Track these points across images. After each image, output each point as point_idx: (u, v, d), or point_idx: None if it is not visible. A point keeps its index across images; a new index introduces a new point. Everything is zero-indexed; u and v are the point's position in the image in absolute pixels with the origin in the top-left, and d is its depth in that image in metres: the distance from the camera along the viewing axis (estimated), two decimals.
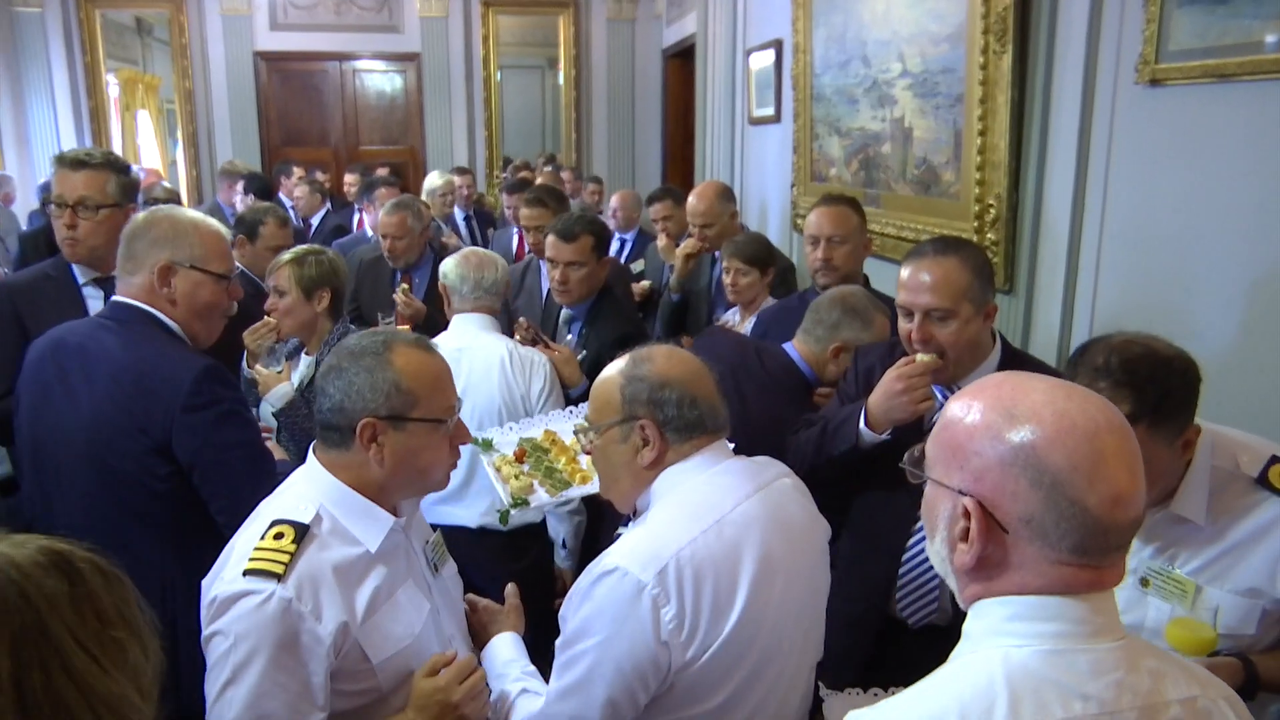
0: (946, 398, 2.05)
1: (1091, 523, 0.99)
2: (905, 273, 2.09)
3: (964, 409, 1.07)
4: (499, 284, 2.85)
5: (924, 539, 1.16)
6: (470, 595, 1.89)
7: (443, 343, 2.18)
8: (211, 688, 1.45)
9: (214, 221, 2.24)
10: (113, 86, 9.53)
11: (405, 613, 1.58)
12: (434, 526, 1.89)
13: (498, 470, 2.38)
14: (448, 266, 2.86)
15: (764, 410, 2.43)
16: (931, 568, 1.47)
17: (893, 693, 1.31)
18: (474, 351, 2.71)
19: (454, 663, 1.58)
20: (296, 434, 2.66)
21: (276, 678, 1.42)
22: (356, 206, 7.21)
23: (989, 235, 3.15)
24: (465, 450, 1.93)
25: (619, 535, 1.74)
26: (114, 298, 2.16)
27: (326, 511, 1.54)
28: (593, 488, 2.25)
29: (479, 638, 1.82)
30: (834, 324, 2.55)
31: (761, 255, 3.38)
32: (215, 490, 2.03)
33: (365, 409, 1.54)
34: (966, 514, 1.04)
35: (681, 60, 8.65)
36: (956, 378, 2.08)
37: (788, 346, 2.63)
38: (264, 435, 2.48)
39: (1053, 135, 2.92)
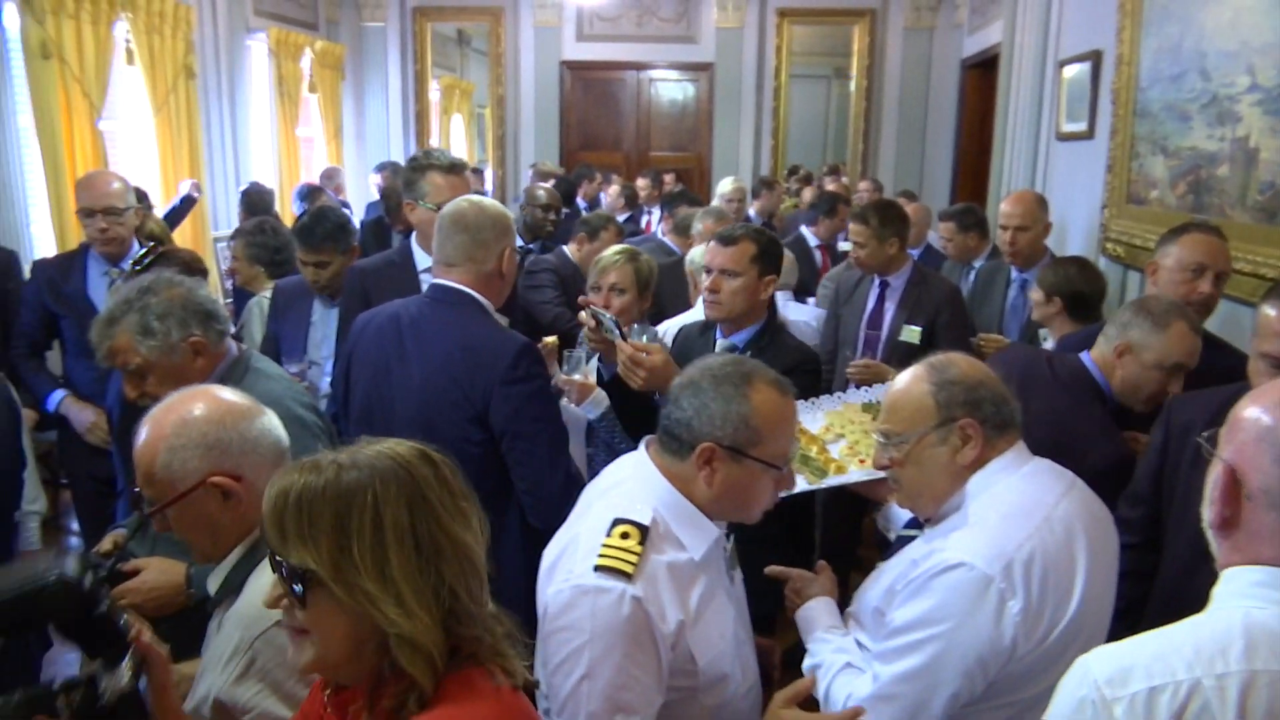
0: None
1: None
2: (1272, 312, 1.93)
3: (1259, 394, 1.20)
4: None
5: None
6: (777, 568, 1.96)
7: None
8: (563, 681, 1.52)
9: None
10: (435, 92, 10.48)
11: (721, 618, 1.64)
12: None
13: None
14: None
15: (1044, 407, 2.33)
16: None
17: None
18: None
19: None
20: (613, 440, 2.76)
21: (632, 671, 1.50)
22: (646, 209, 7.54)
23: None
24: None
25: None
26: (436, 281, 2.37)
27: (660, 515, 1.61)
28: (850, 477, 2.27)
29: (791, 602, 1.89)
30: (1124, 323, 2.44)
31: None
32: (519, 459, 2.23)
33: (710, 434, 1.60)
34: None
35: (982, 71, 8.30)
36: None
37: (1084, 354, 2.55)
38: None
39: None
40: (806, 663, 1.78)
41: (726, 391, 1.61)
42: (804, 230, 5.88)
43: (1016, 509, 1.60)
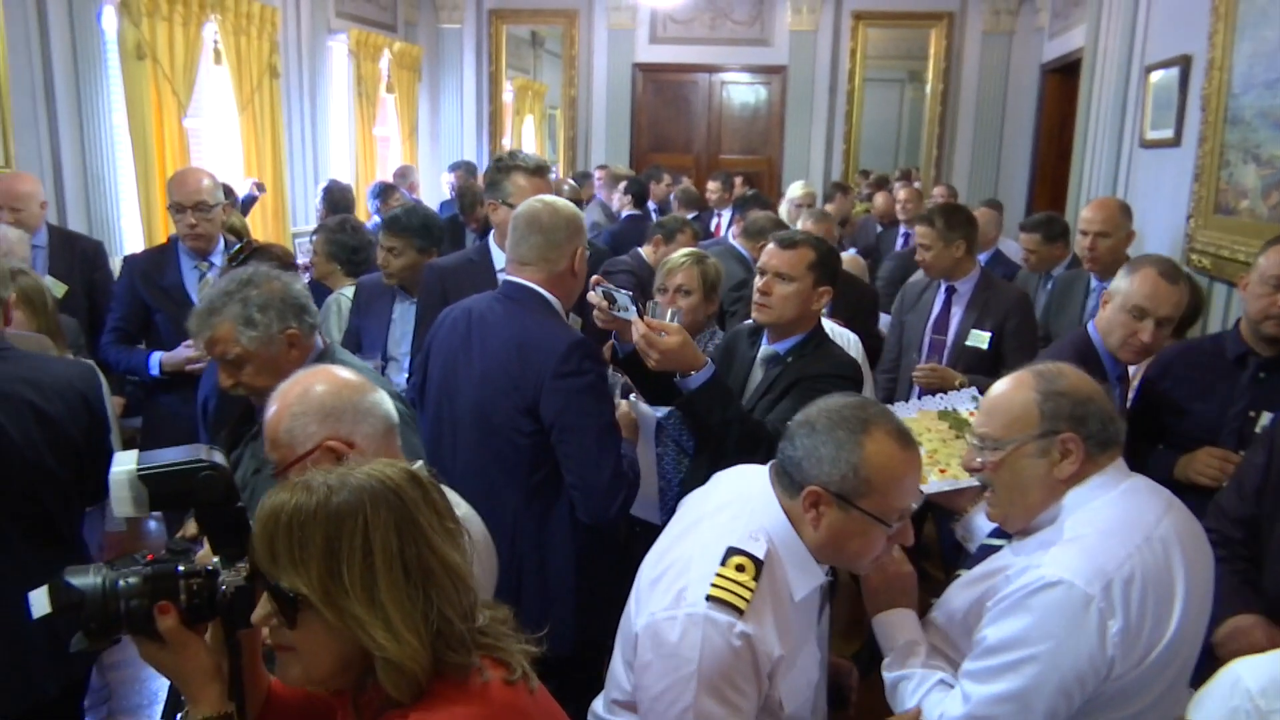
0: None
1: None
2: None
3: None
4: None
5: None
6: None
7: None
8: (666, 709, 1.53)
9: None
10: (508, 93, 10.61)
11: (809, 663, 1.64)
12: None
13: None
14: None
15: None
16: None
17: None
18: None
19: None
20: (681, 439, 2.77)
21: (735, 702, 1.51)
22: (716, 213, 7.53)
23: None
24: None
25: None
26: (508, 278, 2.43)
27: (774, 549, 1.58)
28: (929, 487, 2.20)
29: (874, 600, 1.81)
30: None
31: None
32: (568, 451, 2.26)
33: (818, 477, 1.57)
34: None
35: (1062, 75, 8.11)
36: None
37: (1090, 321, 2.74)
38: None
39: None
40: (889, 674, 1.74)
41: (840, 436, 1.56)
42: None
43: (1116, 526, 1.56)
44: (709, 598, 1.51)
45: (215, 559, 1.37)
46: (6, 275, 2.25)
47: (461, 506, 1.84)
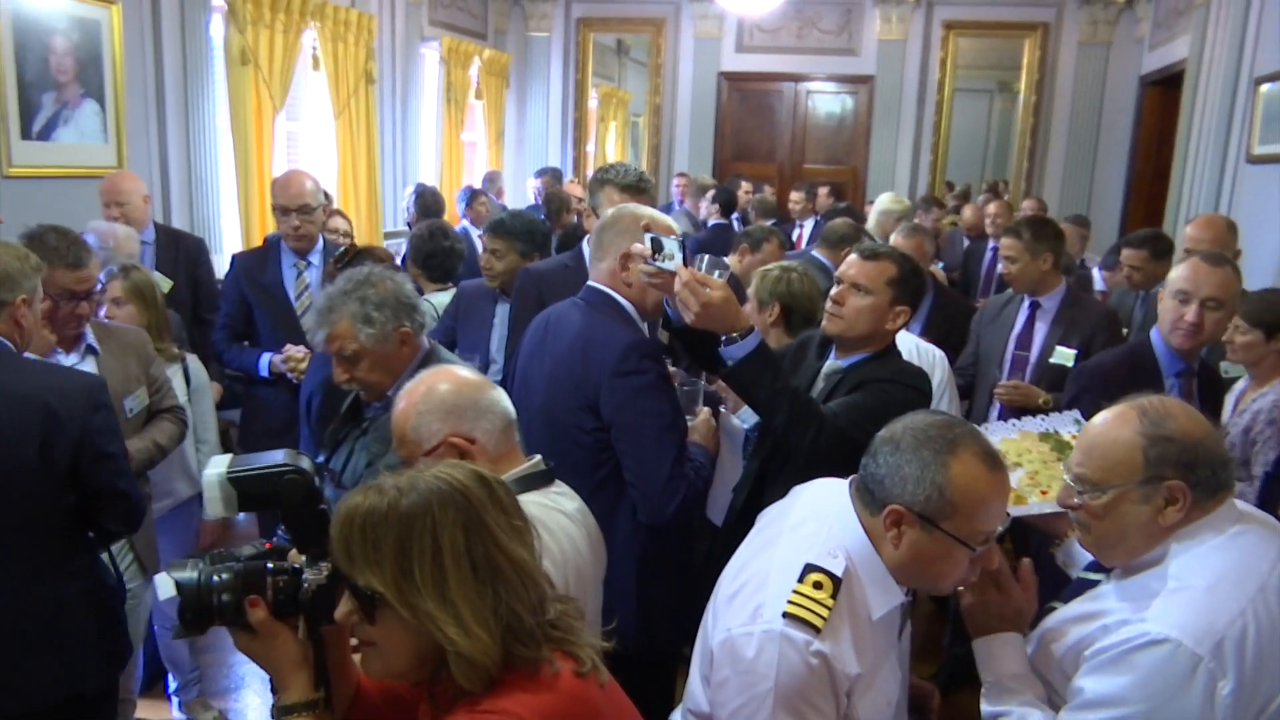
0: None
1: None
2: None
3: None
4: None
5: None
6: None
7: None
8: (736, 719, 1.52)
9: (662, 216, 2.45)
10: (593, 100, 10.70)
11: (889, 684, 1.60)
12: None
13: None
14: None
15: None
16: None
17: None
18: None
19: None
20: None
21: None
22: (799, 223, 7.49)
23: None
24: None
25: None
26: (588, 281, 2.47)
27: (853, 567, 1.55)
28: (1029, 508, 2.15)
29: (973, 621, 1.72)
30: None
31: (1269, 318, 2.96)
32: (626, 449, 2.27)
33: (901, 497, 1.53)
34: None
35: (1162, 88, 7.87)
36: None
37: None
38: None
39: None
40: (987, 707, 1.67)
41: (925, 456, 1.52)
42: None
43: (1226, 576, 1.48)
44: (786, 615, 1.48)
45: (301, 558, 1.44)
46: (16, 275, 2.26)
47: (574, 500, 1.88)
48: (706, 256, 2.32)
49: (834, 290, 2.45)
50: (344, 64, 6.67)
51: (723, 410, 2.74)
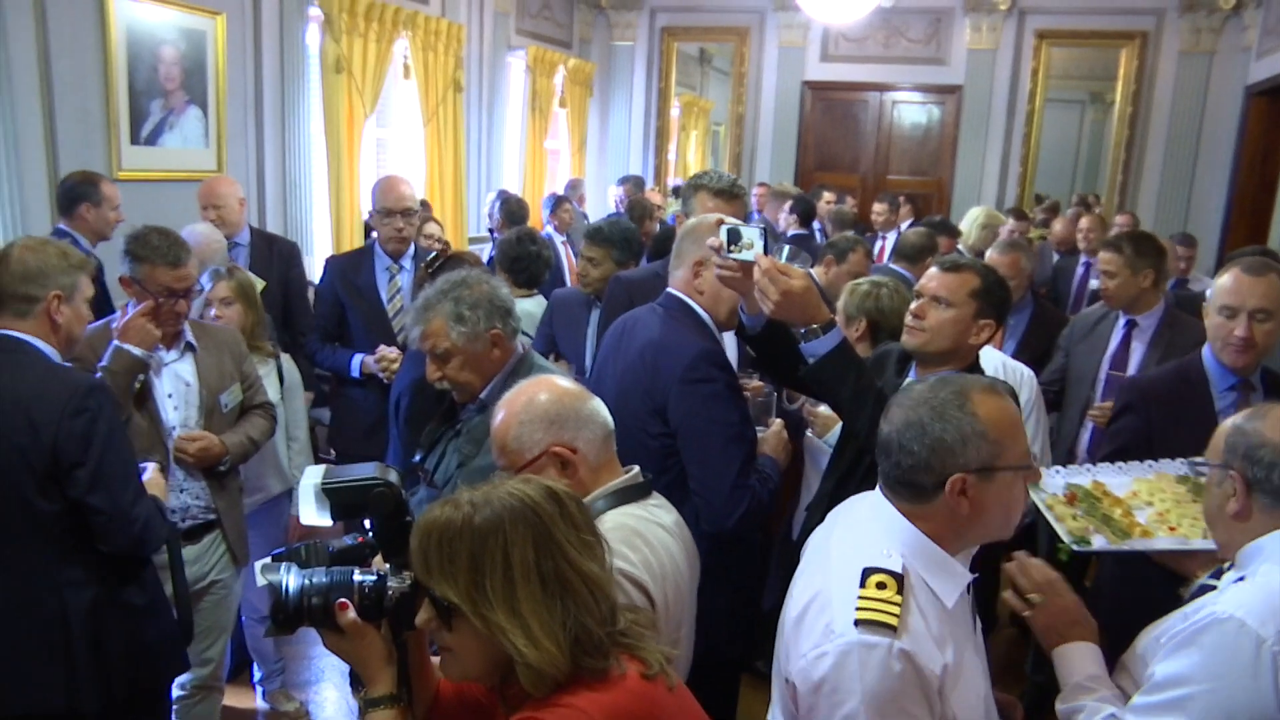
0: None
1: None
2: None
3: None
4: None
5: None
6: (1020, 562, 1.82)
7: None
8: None
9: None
10: (675, 109, 10.73)
11: (974, 675, 1.56)
12: None
13: (1050, 508, 2.31)
14: None
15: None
16: None
17: None
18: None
19: None
20: None
21: None
22: (881, 235, 7.38)
23: None
24: None
25: None
26: (666, 288, 2.47)
27: (909, 562, 1.53)
28: (1155, 543, 2.13)
29: (1048, 637, 1.75)
30: None
31: None
32: (692, 455, 2.26)
33: (956, 465, 1.52)
34: None
35: (1270, 98, 7.57)
36: None
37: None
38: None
39: None
40: (1061, 707, 1.68)
41: (952, 417, 1.53)
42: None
43: None
44: (858, 622, 1.44)
45: (386, 566, 1.50)
46: (50, 271, 2.26)
47: (671, 513, 1.88)
48: (786, 246, 2.30)
49: (914, 303, 2.39)
50: (433, 72, 6.81)
51: (808, 434, 2.72)
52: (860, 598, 1.46)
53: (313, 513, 1.58)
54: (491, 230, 6.69)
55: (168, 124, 4.86)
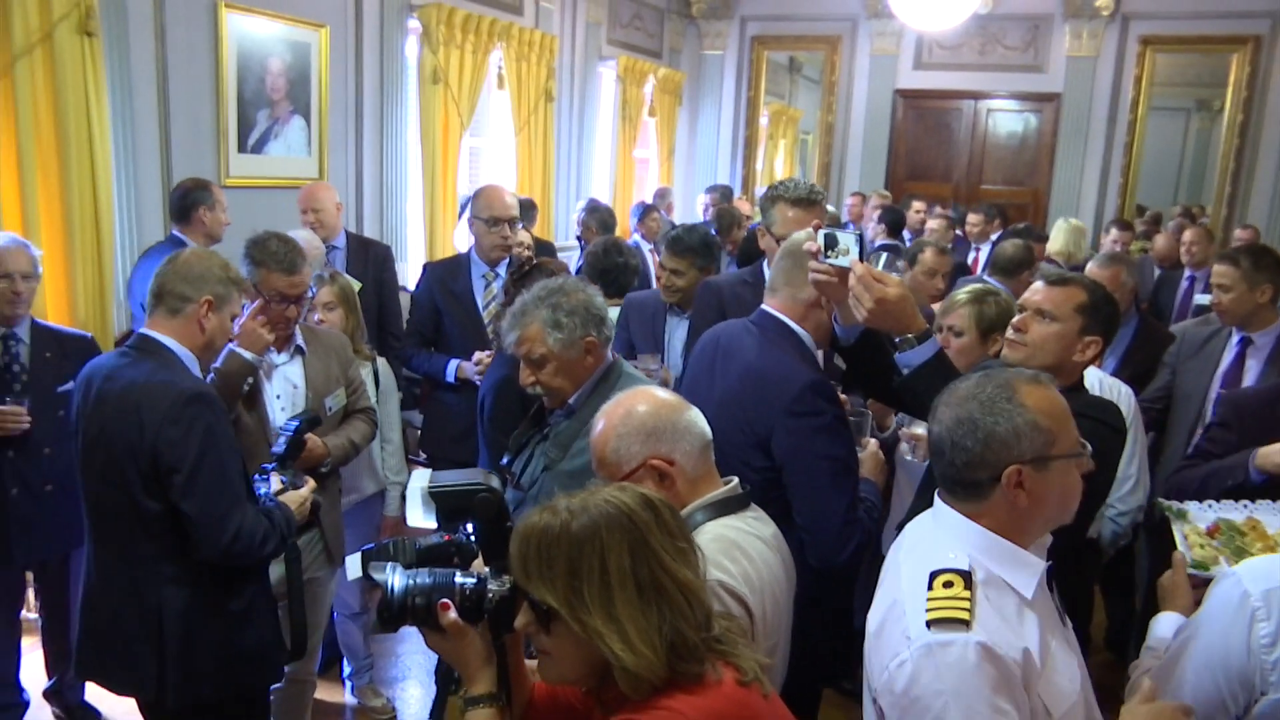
0: None
1: None
2: None
3: None
4: None
5: None
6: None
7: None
8: None
9: None
10: (763, 118, 10.69)
11: (1064, 664, 1.53)
12: None
13: (1185, 537, 2.26)
14: None
15: None
16: None
17: None
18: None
19: None
20: None
21: None
22: (975, 246, 7.23)
23: None
24: None
25: None
26: (762, 306, 2.40)
27: (976, 560, 1.51)
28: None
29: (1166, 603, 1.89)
30: None
31: None
32: (799, 491, 2.18)
33: (1010, 457, 1.50)
34: None
35: None
36: None
37: None
38: None
39: None
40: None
41: (1002, 409, 1.52)
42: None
43: None
44: (929, 623, 1.44)
45: (486, 569, 1.53)
46: (208, 278, 2.36)
47: (769, 525, 1.88)
48: (884, 254, 2.26)
49: (1016, 318, 2.32)
50: (526, 82, 6.92)
51: (905, 454, 2.67)
52: (929, 599, 1.46)
53: (419, 515, 1.65)
54: (579, 238, 6.76)
55: (273, 133, 5.04)
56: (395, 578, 1.48)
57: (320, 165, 5.36)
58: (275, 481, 2.54)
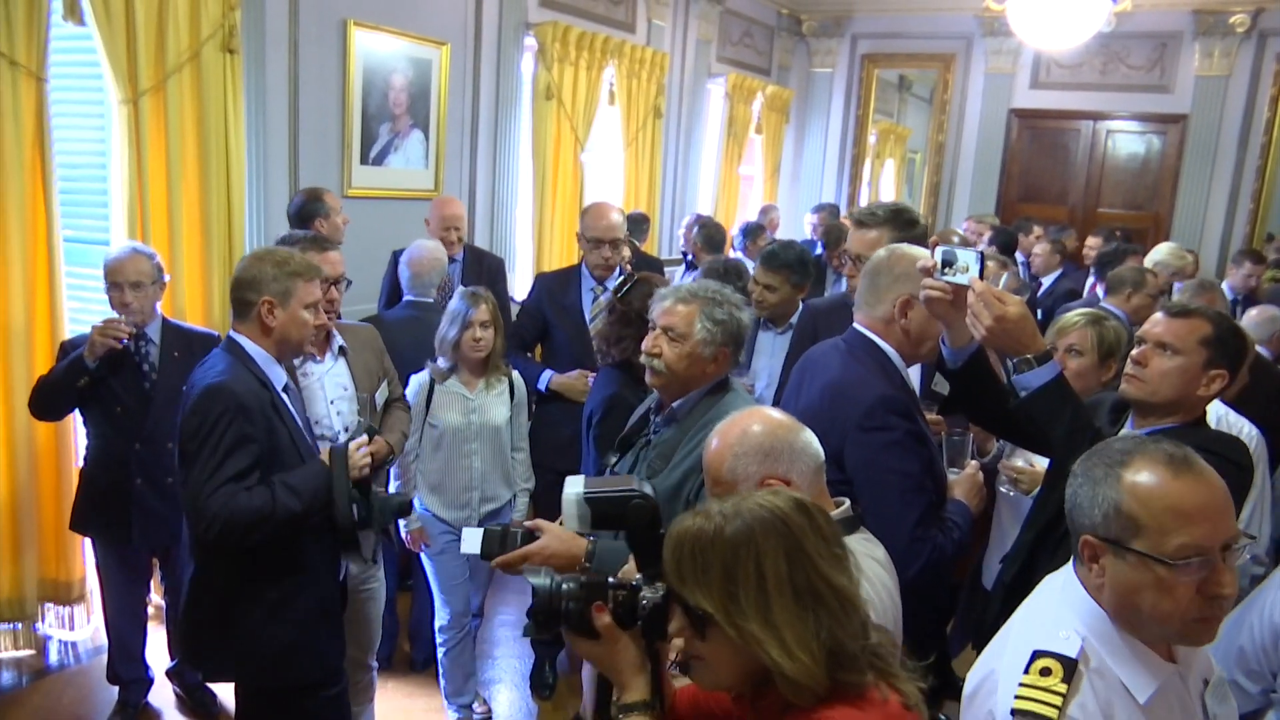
0: None
1: None
2: None
3: None
4: None
5: None
6: None
7: None
8: None
9: (921, 252, 2.32)
10: (871, 136, 10.56)
11: None
12: None
13: None
14: None
15: None
16: None
17: None
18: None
19: None
20: None
21: None
22: (1093, 271, 6.99)
23: None
24: None
25: None
26: (853, 324, 2.40)
27: (1092, 647, 1.40)
28: None
29: None
30: None
31: None
32: (869, 505, 2.14)
33: (1085, 524, 1.41)
34: None
35: None
36: None
37: None
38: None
39: None
40: None
41: (1096, 473, 1.40)
42: None
43: None
44: (1013, 712, 1.35)
45: (638, 575, 1.54)
46: (263, 279, 2.50)
47: (880, 547, 1.87)
48: (1006, 274, 2.21)
49: (1135, 350, 2.24)
50: (636, 99, 7.01)
51: (1002, 487, 2.62)
52: (1021, 684, 1.38)
53: (575, 520, 1.67)
54: (684, 253, 6.79)
55: (393, 146, 5.23)
56: (550, 580, 1.50)
57: (436, 177, 5.53)
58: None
